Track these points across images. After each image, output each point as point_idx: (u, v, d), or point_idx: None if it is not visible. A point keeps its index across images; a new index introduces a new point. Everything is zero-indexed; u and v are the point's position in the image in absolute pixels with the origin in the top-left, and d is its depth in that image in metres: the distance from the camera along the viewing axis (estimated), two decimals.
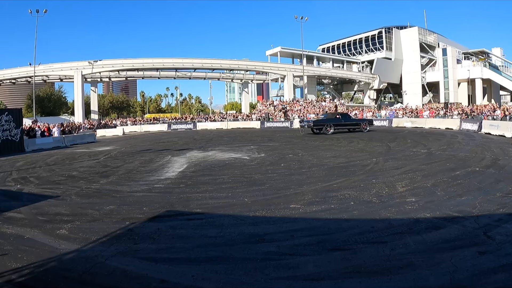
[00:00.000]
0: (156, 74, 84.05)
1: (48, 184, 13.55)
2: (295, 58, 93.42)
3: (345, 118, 37.92)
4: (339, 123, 36.18)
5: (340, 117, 37.70)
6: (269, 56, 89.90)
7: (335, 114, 41.43)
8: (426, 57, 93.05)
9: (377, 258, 5.48)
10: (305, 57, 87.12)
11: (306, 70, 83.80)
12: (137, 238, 6.86)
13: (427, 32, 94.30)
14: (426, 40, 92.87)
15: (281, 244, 6.19)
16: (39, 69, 69.39)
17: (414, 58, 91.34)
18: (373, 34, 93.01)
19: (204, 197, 10.11)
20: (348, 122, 37.44)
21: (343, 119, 37.34)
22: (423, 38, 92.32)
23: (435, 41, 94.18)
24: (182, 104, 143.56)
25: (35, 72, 65.60)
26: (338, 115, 39.14)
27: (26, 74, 73.52)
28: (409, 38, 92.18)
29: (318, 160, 16.50)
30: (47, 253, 6.39)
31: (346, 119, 37.61)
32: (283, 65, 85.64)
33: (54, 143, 34.49)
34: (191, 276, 5.18)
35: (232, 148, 24.02)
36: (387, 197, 9.16)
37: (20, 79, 78.30)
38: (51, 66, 73.02)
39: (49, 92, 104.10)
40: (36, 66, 65.90)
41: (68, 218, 8.61)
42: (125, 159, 20.22)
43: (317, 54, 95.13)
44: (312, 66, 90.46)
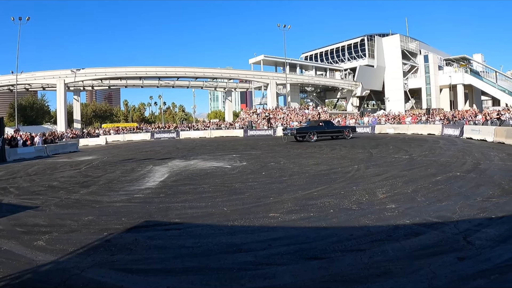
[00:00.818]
0: (139, 82, 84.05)
1: (28, 195, 13.39)
2: (278, 66, 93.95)
3: (328, 126, 38.08)
4: (322, 130, 36.26)
5: (323, 124, 37.86)
6: (252, 64, 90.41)
7: (318, 121, 41.45)
8: (408, 64, 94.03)
9: (354, 266, 5.45)
10: (288, 65, 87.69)
11: (289, 78, 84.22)
12: (114, 249, 6.78)
13: (409, 39, 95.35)
14: (408, 47, 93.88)
15: (258, 254, 6.15)
16: (22, 78, 68.99)
17: (397, 65, 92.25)
18: (356, 42, 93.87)
19: (183, 207, 10.04)
20: (331, 129, 37.56)
21: (326, 126, 37.49)
22: (405, 45, 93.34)
23: (417, 48, 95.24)
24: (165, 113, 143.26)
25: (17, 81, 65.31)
26: (321, 122, 39.22)
27: (8, 82, 73.05)
28: (391, 46, 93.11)
29: (300, 168, 16.48)
30: (23, 264, 6.31)
31: (329, 127, 37.77)
32: (266, 73, 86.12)
33: (36, 153, 34.18)
34: (167, 287, 5.13)
35: (214, 157, 23.94)
36: (367, 204, 9.15)
37: (2, 87, 77.72)
38: (34, 74, 72.60)
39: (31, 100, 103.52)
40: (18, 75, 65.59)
41: (46, 229, 8.50)
42: (106, 169, 20.06)
43: (300, 62, 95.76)
44: (295, 74, 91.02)
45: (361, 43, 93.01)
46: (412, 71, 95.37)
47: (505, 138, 23.94)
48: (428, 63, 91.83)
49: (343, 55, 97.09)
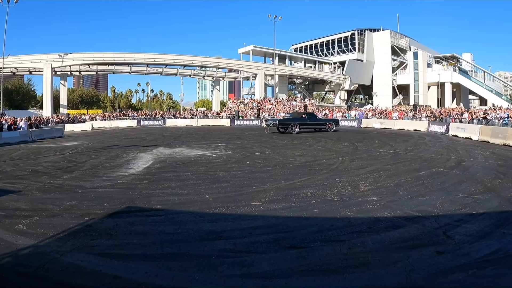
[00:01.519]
0: (127, 69, 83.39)
1: (11, 179, 13.30)
2: (268, 57, 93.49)
3: (311, 118, 37.80)
4: (305, 122, 36.04)
5: (306, 116, 37.55)
6: (241, 54, 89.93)
7: (301, 113, 41.15)
8: (398, 60, 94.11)
9: (333, 256, 5.50)
10: (277, 56, 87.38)
11: (278, 69, 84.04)
12: (94, 234, 6.79)
13: (399, 35, 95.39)
14: (398, 44, 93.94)
15: (237, 242, 6.19)
16: (8, 61, 68.01)
17: (386, 60, 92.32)
18: (346, 36, 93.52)
19: (166, 194, 10.06)
20: (314, 121, 37.39)
21: (309, 118, 37.19)
22: (395, 41, 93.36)
23: (406, 44, 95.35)
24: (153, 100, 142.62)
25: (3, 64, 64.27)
26: (304, 114, 38.90)
27: None
28: (381, 41, 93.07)
29: (284, 158, 16.55)
30: (2, 248, 6.29)
31: (312, 119, 37.51)
32: (255, 63, 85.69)
33: (21, 137, 33.79)
34: (145, 272, 5.14)
35: (199, 145, 23.94)
36: (349, 196, 9.21)
37: None
38: (21, 58, 71.60)
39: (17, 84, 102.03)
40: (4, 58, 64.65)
41: (27, 213, 8.48)
42: (91, 155, 19.97)
43: (289, 54, 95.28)
44: (284, 65, 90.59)
45: (352, 37, 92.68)
46: (401, 67, 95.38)
47: (490, 137, 24.09)
48: (417, 60, 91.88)
49: (333, 48, 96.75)
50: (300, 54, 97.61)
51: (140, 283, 4.84)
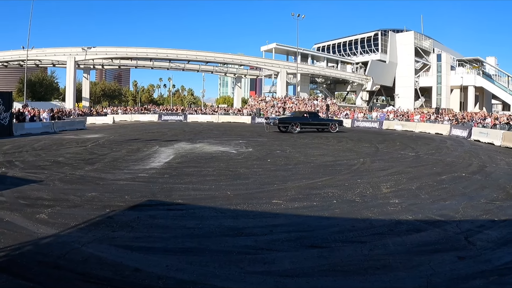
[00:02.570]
0: (150, 64, 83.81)
1: (33, 169, 13.46)
2: (290, 55, 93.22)
3: (313, 118, 36.89)
4: (306, 122, 35.39)
5: (307, 116, 36.77)
6: (263, 52, 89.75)
7: (303, 112, 40.63)
8: (421, 62, 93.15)
9: (354, 257, 5.46)
10: (300, 55, 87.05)
11: (300, 68, 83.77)
12: (115, 226, 6.83)
13: (423, 37, 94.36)
14: (422, 45, 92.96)
15: (259, 239, 6.18)
16: (32, 53, 68.90)
17: (409, 62, 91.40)
18: (369, 36, 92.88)
19: (187, 188, 10.09)
20: (316, 121, 36.51)
21: (311, 118, 36.35)
22: (419, 43, 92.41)
23: (430, 46, 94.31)
24: (174, 96, 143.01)
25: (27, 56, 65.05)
26: (306, 113, 38.04)
27: (18, 57, 72.95)
28: (405, 42, 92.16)
29: (305, 157, 16.50)
30: (24, 236, 6.36)
31: (314, 119, 36.63)
32: (277, 61, 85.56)
33: (43, 128, 34.27)
34: (165, 266, 5.15)
35: (220, 141, 24.02)
36: (370, 197, 9.14)
37: (13, 62, 77.69)
38: (44, 50, 72.64)
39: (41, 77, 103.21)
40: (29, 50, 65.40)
41: (49, 203, 8.56)
42: (112, 147, 20.14)
43: (312, 53, 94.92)
44: (306, 64, 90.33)
45: (375, 38, 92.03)
46: (424, 69, 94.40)
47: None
48: (441, 62, 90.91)
49: (355, 48, 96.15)
50: (322, 54, 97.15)
51: (161, 276, 4.83)
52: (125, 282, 4.72)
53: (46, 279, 4.82)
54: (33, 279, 4.81)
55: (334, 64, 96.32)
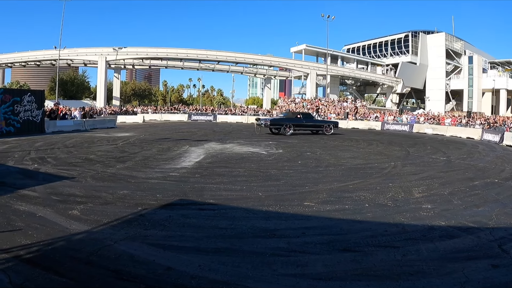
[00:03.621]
0: (180, 64, 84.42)
1: (65, 166, 13.67)
2: (320, 56, 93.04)
3: (307, 119, 35.11)
4: (300, 123, 33.54)
5: (301, 117, 34.83)
6: (293, 53, 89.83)
7: (296, 113, 38.99)
8: (452, 64, 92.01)
9: (387, 262, 5.40)
10: (330, 56, 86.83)
11: (330, 70, 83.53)
12: (147, 224, 6.89)
13: (454, 38, 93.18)
14: (453, 47, 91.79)
15: (291, 241, 6.15)
16: (64, 53, 70.36)
17: (440, 64, 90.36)
18: (400, 37, 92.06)
19: (218, 189, 10.13)
20: (310, 123, 34.89)
21: (304, 119, 34.46)
22: (450, 45, 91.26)
23: (461, 48, 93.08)
24: (203, 96, 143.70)
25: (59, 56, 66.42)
26: (299, 114, 36.13)
27: (51, 57, 74.90)
28: (436, 44, 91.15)
29: (336, 160, 16.43)
30: (57, 232, 6.47)
31: (307, 120, 34.87)
32: (307, 63, 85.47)
33: (75, 126, 34.78)
34: (198, 265, 5.17)
35: (250, 142, 24.07)
36: (402, 202, 9.04)
37: (45, 61, 79.78)
38: (76, 50, 74.21)
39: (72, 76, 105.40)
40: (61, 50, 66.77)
41: (81, 200, 8.69)
42: (143, 146, 20.33)
43: (341, 54, 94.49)
44: (336, 65, 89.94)
45: (405, 39, 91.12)
46: (455, 71, 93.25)
47: None
48: (472, 65, 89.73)
49: (386, 50, 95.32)
50: (352, 55, 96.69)
51: (193, 276, 4.85)
52: (158, 281, 4.76)
53: (79, 275, 4.88)
54: (66, 274, 4.88)
55: (364, 65, 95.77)
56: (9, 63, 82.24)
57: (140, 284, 4.65)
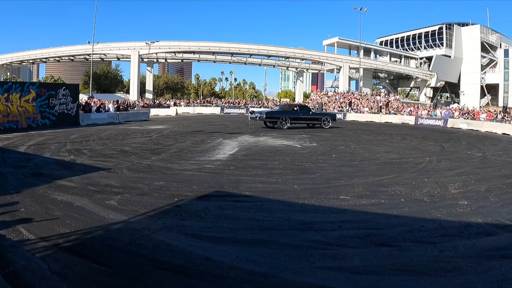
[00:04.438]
0: (212, 57, 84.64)
1: (101, 157, 13.93)
2: (352, 49, 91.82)
3: (304, 112, 33.18)
4: (297, 116, 31.77)
5: (298, 109, 33.26)
6: (325, 46, 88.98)
7: (293, 106, 37.64)
8: (487, 58, 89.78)
9: (425, 258, 5.36)
10: (362, 49, 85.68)
11: (363, 63, 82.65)
12: (184, 215, 6.99)
13: (489, 31, 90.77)
14: (488, 40, 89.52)
15: (328, 234, 6.16)
16: (97, 48, 71.61)
17: (474, 57, 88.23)
18: (433, 30, 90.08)
19: (254, 181, 10.20)
20: (307, 116, 32.88)
21: (302, 112, 32.76)
22: (485, 37, 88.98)
23: (497, 41, 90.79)
24: (236, 89, 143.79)
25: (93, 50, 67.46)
26: (296, 107, 34.49)
27: (84, 51, 76.54)
28: (470, 36, 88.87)
29: (370, 154, 16.33)
30: (95, 221, 6.63)
31: (304, 113, 32.94)
32: (339, 56, 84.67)
33: (108, 119, 35.29)
34: (236, 256, 5.22)
35: (283, 135, 24.06)
36: (438, 198, 8.93)
37: (79, 56, 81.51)
38: (109, 45, 75.57)
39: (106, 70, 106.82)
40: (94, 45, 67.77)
41: (118, 190, 8.86)
42: (177, 139, 20.53)
43: (374, 47, 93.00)
44: (369, 59, 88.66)
45: (439, 32, 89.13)
46: (491, 65, 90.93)
47: None
48: (508, 58, 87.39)
49: (419, 42, 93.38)
50: (385, 48, 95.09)
51: (231, 267, 4.90)
52: (197, 271, 4.82)
53: (117, 264, 4.99)
54: (104, 262, 5.00)
55: (397, 59, 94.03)
56: (43, 58, 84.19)
57: (178, 274, 4.73)
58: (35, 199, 8.06)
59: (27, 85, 26.88)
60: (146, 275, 4.69)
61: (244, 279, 4.64)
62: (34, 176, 10.49)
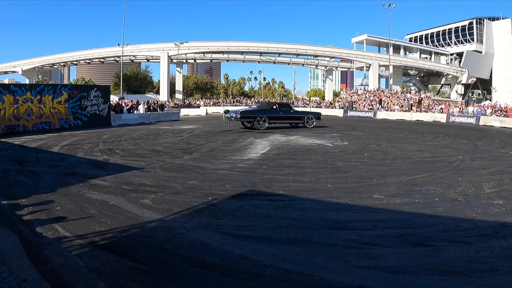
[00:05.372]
0: (241, 57, 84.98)
1: (133, 157, 14.15)
2: (381, 46, 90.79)
3: (284, 111, 29.94)
4: (275, 115, 28.81)
5: (277, 108, 29.78)
6: (354, 43, 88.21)
7: (271, 104, 32.92)
8: None
9: (460, 258, 5.30)
10: (392, 46, 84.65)
11: (393, 60, 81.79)
12: (219, 214, 7.06)
13: None
14: None
15: (363, 233, 6.14)
16: (127, 50, 73.24)
17: (506, 52, 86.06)
18: (463, 25, 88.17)
19: (286, 180, 10.21)
20: (288, 115, 29.87)
21: (281, 111, 29.51)
22: None
23: None
24: (265, 88, 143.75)
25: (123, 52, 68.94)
26: (275, 105, 30.59)
27: (114, 54, 78.31)
28: (502, 31, 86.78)
29: (402, 152, 16.20)
30: (130, 220, 6.75)
31: (285, 112, 29.81)
32: (369, 53, 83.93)
33: (139, 119, 35.83)
34: (272, 255, 5.24)
35: (315, 134, 24.08)
36: (473, 197, 8.80)
37: (109, 58, 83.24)
38: (139, 47, 76.71)
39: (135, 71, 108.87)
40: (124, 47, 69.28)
41: (151, 189, 8.99)
42: (208, 138, 20.72)
43: (404, 44, 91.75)
44: (399, 56, 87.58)
45: (469, 27, 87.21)
46: None
47: None
48: None
49: (449, 38, 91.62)
50: (415, 44, 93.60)
51: (267, 265, 4.93)
52: (233, 269, 4.86)
53: (153, 261, 5.06)
54: (140, 260, 5.09)
55: (427, 55, 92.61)
56: (74, 60, 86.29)
57: (215, 272, 4.77)
58: (70, 197, 8.26)
59: (59, 87, 27.61)
60: (183, 274, 4.74)
61: (281, 277, 4.65)
62: (68, 175, 10.74)
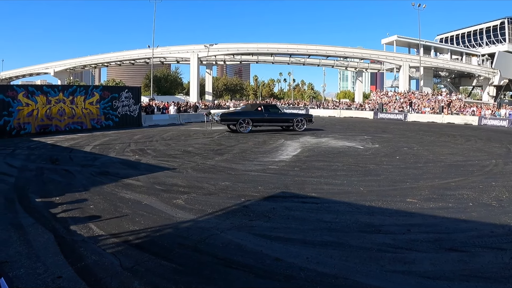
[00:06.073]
0: (270, 59, 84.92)
1: (165, 157, 14.31)
2: (411, 47, 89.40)
3: (270, 112, 27.51)
4: (260, 117, 26.55)
5: (262, 109, 27.40)
6: (384, 44, 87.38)
7: (256, 105, 31.33)
8: None
9: (495, 264, 5.23)
10: (422, 47, 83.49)
11: (423, 61, 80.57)
12: (252, 215, 7.10)
13: None
14: None
15: (397, 237, 6.11)
16: (157, 51, 74.71)
17: None
18: (495, 25, 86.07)
19: (319, 182, 10.20)
20: (274, 117, 27.48)
21: (267, 113, 27.15)
22: None
23: None
24: (294, 90, 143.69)
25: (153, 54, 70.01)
26: (260, 107, 28.21)
27: (144, 55, 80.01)
28: None
29: (434, 156, 15.98)
30: (163, 219, 6.85)
31: (271, 114, 27.39)
32: (399, 54, 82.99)
33: (170, 120, 36.29)
34: (306, 258, 5.25)
35: (345, 136, 23.98)
36: (507, 202, 8.64)
37: (139, 60, 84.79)
38: (169, 48, 78.05)
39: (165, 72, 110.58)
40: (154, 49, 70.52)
41: (184, 190, 9.09)
42: (238, 139, 20.84)
43: (434, 45, 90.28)
44: (429, 57, 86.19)
45: (501, 26, 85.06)
46: None
47: None
48: None
49: (480, 38, 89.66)
50: (445, 45, 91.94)
51: (302, 268, 4.94)
52: (267, 271, 4.88)
53: (187, 261, 5.13)
54: (174, 260, 5.16)
55: (458, 56, 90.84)
56: (105, 62, 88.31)
57: (249, 274, 4.81)
58: (103, 196, 8.43)
59: (91, 88, 28.22)
60: (217, 274, 4.79)
61: (315, 280, 4.67)
62: (101, 175, 10.95)
